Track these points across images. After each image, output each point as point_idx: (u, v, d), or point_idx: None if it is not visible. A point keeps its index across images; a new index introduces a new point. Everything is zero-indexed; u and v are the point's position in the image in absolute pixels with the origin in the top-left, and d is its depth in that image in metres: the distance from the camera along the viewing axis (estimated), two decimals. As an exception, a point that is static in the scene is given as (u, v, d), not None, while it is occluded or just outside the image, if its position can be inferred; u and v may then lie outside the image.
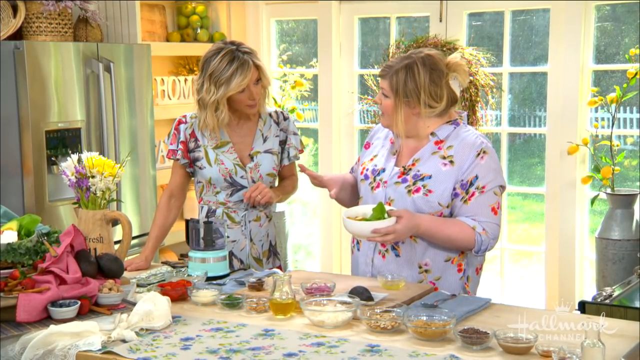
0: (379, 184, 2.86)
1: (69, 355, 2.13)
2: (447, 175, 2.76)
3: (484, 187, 2.75)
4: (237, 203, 3.15)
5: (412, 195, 2.77)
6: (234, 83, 3.01)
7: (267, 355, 2.10)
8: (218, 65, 3.02)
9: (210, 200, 3.18)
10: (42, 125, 3.95)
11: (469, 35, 4.92)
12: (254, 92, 3.07)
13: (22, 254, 2.48)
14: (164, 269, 2.96)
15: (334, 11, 5.28)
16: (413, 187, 2.78)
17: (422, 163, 2.81)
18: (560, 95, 4.62)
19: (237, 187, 3.14)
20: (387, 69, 2.82)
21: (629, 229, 4.25)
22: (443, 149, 2.80)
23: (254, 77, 3.05)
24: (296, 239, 5.75)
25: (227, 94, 3.02)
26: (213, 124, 3.08)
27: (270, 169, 3.17)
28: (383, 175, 2.86)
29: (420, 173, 2.80)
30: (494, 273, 5.13)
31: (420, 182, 2.78)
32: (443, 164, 2.78)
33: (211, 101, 3.04)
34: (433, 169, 2.78)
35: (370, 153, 2.99)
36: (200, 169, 3.15)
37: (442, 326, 2.19)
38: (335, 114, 5.33)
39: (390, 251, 2.84)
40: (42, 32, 4.27)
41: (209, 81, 3.04)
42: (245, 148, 3.17)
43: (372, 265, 2.87)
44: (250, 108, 3.11)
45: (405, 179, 2.81)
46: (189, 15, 5.34)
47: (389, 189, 2.83)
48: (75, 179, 2.82)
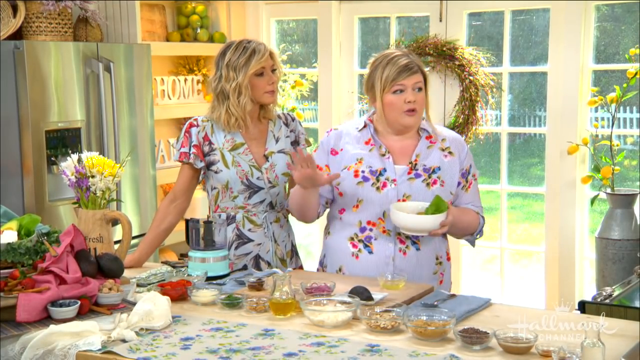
0: (385, 184, 2.87)
1: (69, 355, 2.13)
2: (451, 165, 2.91)
3: (474, 175, 2.98)
4: (256, 205, 3.14)
5: (431, 188, 2.86)
6: (253, 61, 3.04)
7: (267, 355, 2.10)
8: (233, 54, 3.07)
9: (228, 207, 3.14)
10: (42, 125, 3.95)
11: (469, 35, 4.91)
12: (272, 77, 3.10)
13: (22, 253, 2.48)
14: (164, 268, 2.95)
15: (334, 11, 5.27)
16: (430, 180, 2.88)
17: (425, 157, 2.90)
18: (560, 95, 4.62)
19: (254, 189, 3.13)
20: (414, 64, 2.85)
21: (629, 228, 4.25)
22: (438, 142, 2.93)
23: (270, 63, 3.10)
24: (296, 239, 5.74)
25: (248, 74, 3.04)
26: (237, 112, 3.08)
27: (285, 168, 3.17)
28: (388, 174, 2.87)
29: (428, 167, 2.88)
30: (494, 273, 5.13)
31: (434, 174, 2.88)
32: (444, 155, 2.92)
33: (233, 87, 3.05)
34: (438, 160, 2.90)
35: (348, 157, 2.94)
36: (215, 173, 3.12)
37: (442, 326, 2.19)
38: (335, 114, 5.33)
39: (411, 246, 2.88)
40: (42, 32, 4.27)
41: (227, 70, 3.07)
42: (260, 149, 3.16)
43: (394, 264, 2.87)
44: (270, 95, 3.11)
45: (418, 174, 2.87)
46: (189, 15, 5.34)
47: (402, 186, 2.86)
48: (75, 178, 2.82)
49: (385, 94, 2.84)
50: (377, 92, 2.85)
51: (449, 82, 4.91)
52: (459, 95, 4.86)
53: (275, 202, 3.16)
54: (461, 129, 4.82)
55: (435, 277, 2.93)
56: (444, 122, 4.88)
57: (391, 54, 2.89)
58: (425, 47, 4.86)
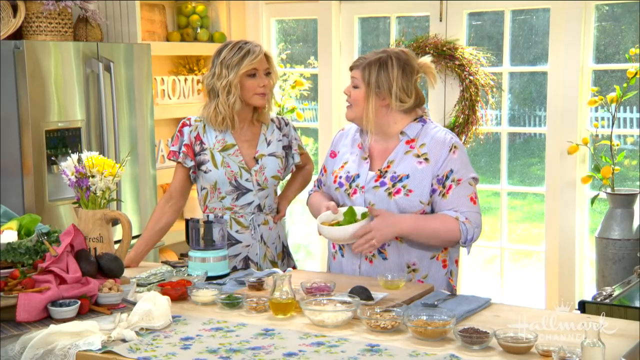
0: (355, 190, 2.86)
1: (69, 354, 2.13)
2: (423, 172, 2.79)
3: (459, 180, 2.80)
4: (244, 207, 3.14)
5: (393, 198, 2.79)
6: (245, 62, 3.05)
7: (267, 355, 2.10)
8: (229, 53, 3.08)
9: (215, 207, 3.15)
10: (42, 125, 3.95)
11: (469, 35, 4.92)
12: (264, 79, 3.09)
13: (22, 253, 2.48)
14: (164, 268, 2.95)
15: (334, 11, 5.28)
16: (393, 190, 2.80)
17: (397, 164, 2.83)
18: (560, 94, 4.62)
19: (243, 191, 3.13)
20: (361, 60, 2.87)
21: (629, 228, 4.25)
22: (416, 148, 2.83)
23: (264, 65, 3.10)
24: (296, 239, 5.75)
25: (239, 73, 3.04)
26: (225, 111, 3.08)
27: (275, 172, 3.17)
28: (359, 181, 2.87)
29: (397, 174, 2.82)
30: (494, 273, 5.13)
31: (399, 183, 2.80)
32: (418, 162, 2.81)
33: (223, 85, 3.06)
34: (409, 168, 2.81)
35: (339, 161, 2.98)
36: (205, 172, 3.13)
37: (442, 326, 2.19)
38: (335, 114, 5.33)
39: (377, 255, 2.85)
40: (42, 31, 4.27)
41: (220, 67, 3.08)
42: (251, 151, 3.16)
43: (360, 271, 2.88)
44: (260, 97, 3.11)
45: (383, 182, 2.83)
46: (189, 14, 5.34)
47: (368, 194, 2.84)
48: (75, 178, 2.82)
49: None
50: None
51: (449, 82, 4.91)
52: (459, 95, 4.86)
53: (263, 205, 3.16)
54: (461, 128, 4.82)
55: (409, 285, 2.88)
56: (444, 122, 4.88)
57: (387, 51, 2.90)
58: (425, 47, 4.86)
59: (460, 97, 4.86)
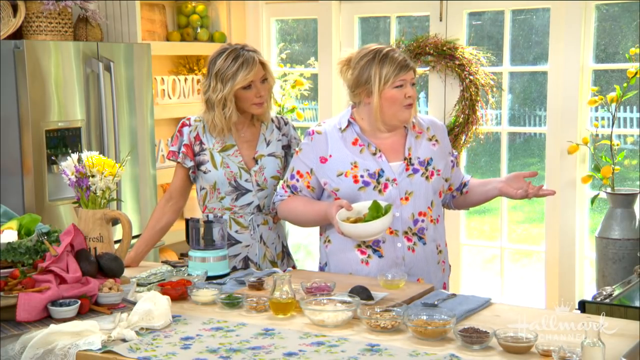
0: (386, 184, 2.84)
1: (69, 354, 2.13)
2: (440, 152, 2.95)
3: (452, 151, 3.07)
4: (243, 207, 3.14)
5: (430, 180, 2.89)
6: (240, 76, 3.01)
7: (267, 355, 2.10)
8: (223, 64, 3.04)
9: (215, 207, 3.15)
10: (42, 125, 3.95)
11: (469, 35, 4.91)
12: (260, 89, 3.07)
13: (22, 253, 2.48)
14: (164, 268, 2.95)
15: (334, 10, 5.28)
16: (427, 173, 2.90)
17: (416, 150, 2.91)
18: (561, 94, 4.62)
19: (242, 191, 3.13)
20: (409, 60, 2.88)
21: (629, 228, 4.25)
22: (424, 132, 2.96)
23: (260, 74, 3.07)
24: (296, 239, 5.74)
25: (233, 88, 3.02)
26: (221, 123, 3.07)
27: (275, 172, 3.17)
28: (387, 175, 2.85)
29: (422, 159, 2.90)
30: (494, 273, 5.13)
31: (429, 166, 2.91)
32: (432, 144, 2.95)
33: (218, 98, 3.04)
34: (429, 151, 2.92)
35: (343, 162, 2.87)
36: (204, 173, 3.13)
37: (442, 325, 2.19)
38: (335, 113, 5.30)
39: (418, 242, 2.87)
40: (42, 31, 4.27)
41: (215, 79, 3.05)
42: (250, 152, 3.16)
43: (404, 263, 2.86)
44: (258, 107, 3.10)
45: (415, 169, 2.88)
46: (189, 14, 5.34)
47: (403, 183, 2.86)
48: (75, 178, 2.82)
49: (387, 88, 2.82)
50: (375, 88, 2.81)
51: (449, 82, 4.91)
52: (459, 95, 4.86)
53: (263, 205, 3.16)
54: (461, 128, 4.82)
55: (438, 266, 2.94)
56: (444, 121, 4.87)
57: (382, 49, 2.85)
58: (425, 46, 4.86)
59: (460, 96, 4.85)
